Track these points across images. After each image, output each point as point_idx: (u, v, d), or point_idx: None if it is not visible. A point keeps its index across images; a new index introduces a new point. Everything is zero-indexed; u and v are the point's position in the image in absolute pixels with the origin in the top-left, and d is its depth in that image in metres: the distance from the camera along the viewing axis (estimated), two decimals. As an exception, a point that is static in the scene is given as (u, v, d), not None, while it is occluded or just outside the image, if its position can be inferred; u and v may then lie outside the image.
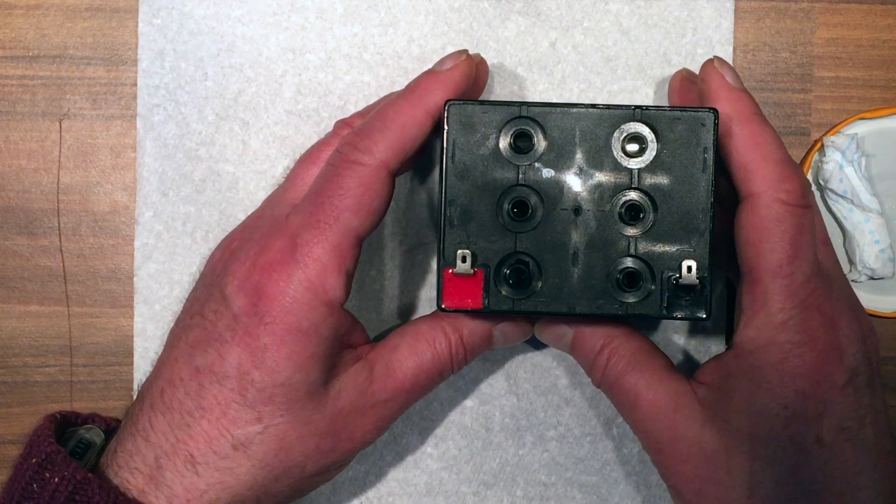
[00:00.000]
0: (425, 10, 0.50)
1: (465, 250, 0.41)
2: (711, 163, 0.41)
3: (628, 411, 0.44)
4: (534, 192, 0.41)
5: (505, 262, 0.42)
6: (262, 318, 0.41)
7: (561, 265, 0.42)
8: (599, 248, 0.41)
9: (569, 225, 0.42)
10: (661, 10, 0.50)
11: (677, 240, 0.41)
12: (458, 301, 0.42)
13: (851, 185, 0.49)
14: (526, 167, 0.41)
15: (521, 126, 0.41)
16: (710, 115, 0.41)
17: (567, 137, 0.41)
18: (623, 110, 0.41)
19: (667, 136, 0.41)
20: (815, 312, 0.41)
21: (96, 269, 0.51)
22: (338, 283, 0.42)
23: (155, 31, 0.50)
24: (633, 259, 0.41)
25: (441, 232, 0.42)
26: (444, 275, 0.42)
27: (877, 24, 0.51)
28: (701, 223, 0.41)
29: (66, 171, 0.51)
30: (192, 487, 0.41)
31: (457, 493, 0.51)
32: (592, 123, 0.41)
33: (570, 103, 0.42)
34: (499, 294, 0.42)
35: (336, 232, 0.41)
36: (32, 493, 0.41)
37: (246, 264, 0.42)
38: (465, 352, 0.45)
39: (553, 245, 0.42)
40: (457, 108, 0.42)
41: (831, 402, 0.41)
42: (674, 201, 0.41)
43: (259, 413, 0.41)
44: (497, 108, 0.41)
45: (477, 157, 0.42)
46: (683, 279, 0.41)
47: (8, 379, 0.51)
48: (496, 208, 0.41)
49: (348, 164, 0.42)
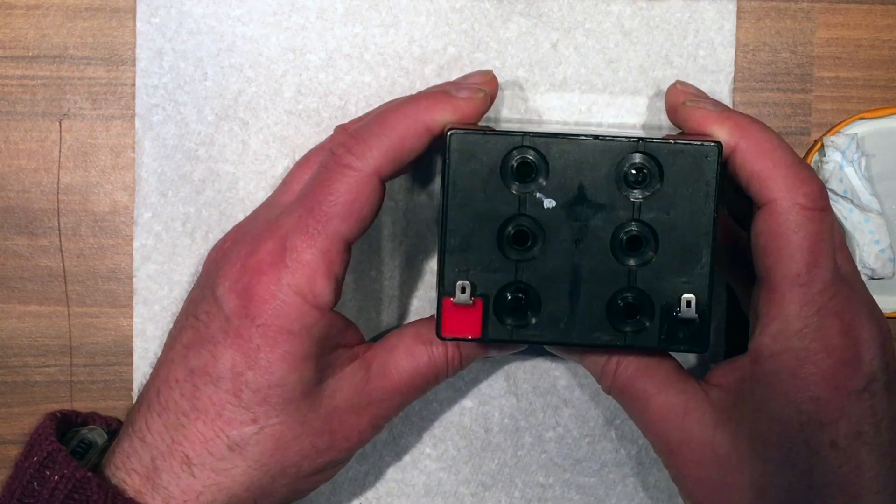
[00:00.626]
0: (426, 11, 0.50)
1: (465, 282, 0.41)
2: (714, 196, 0.41)
3: (639, 415, 0.44)
4: (534, 222, 0.41)
5: (504, 292, 0.41)
6: (253, 320, 0.41)
7: (560, 295, 0.41)
8: (599, 279, 0.41)
9: (569, 255, 0.41)
10: (663, 11, 0.50)
11: (677, 273, 0.41)
12: (456, 331, 0.42)
13: (851, 185, 0.49)
14: (527, 196, 0.41)
15: (523, 156, 0.41)
16: (714, 148, 0.40)
17: (569, 167, 0.41)
18: (626, 142, 0.41)
19: (670, 168, 0.41)
20: (834, 319, 0.41)
21: (96, 269, 0.51)
22: (327, 288, 0.42)
23: (153, 31, 0.50)
24: (633, 291, 0.41)
25: (441, 261, 0.41)
26: (444, 304, 0.41)
27: (877, 24, 0.50)
28: (702, 257, 0.41)
29: (66, 171, 0.51)
30: (189, 489, 0.41)
31: (455, 493, 0.51)
32: (595, 154, 0.41)
33: (572, 134, 0.41)
34: (497, 323, 0.41)
35: (325, 238, 0.41)
36: (33, 491, 0.41)
37: (236, 266, 0.42)
38: (461, 357, 0.45)
39: (553, 275, 0.41)
40: (458, 136, 0.41)
41: (847, 408, 0.40)
42: (675, 234, 0.41)
43: (254, 414, 0.41)
44: (499, 137, 0.41)
45: (478, 186, 0.41)
46: (683, 313, 0.41)
47: (8, 379, 0.51)
48: (497, 237, 0.41)
49: (340, 168, 0.42)
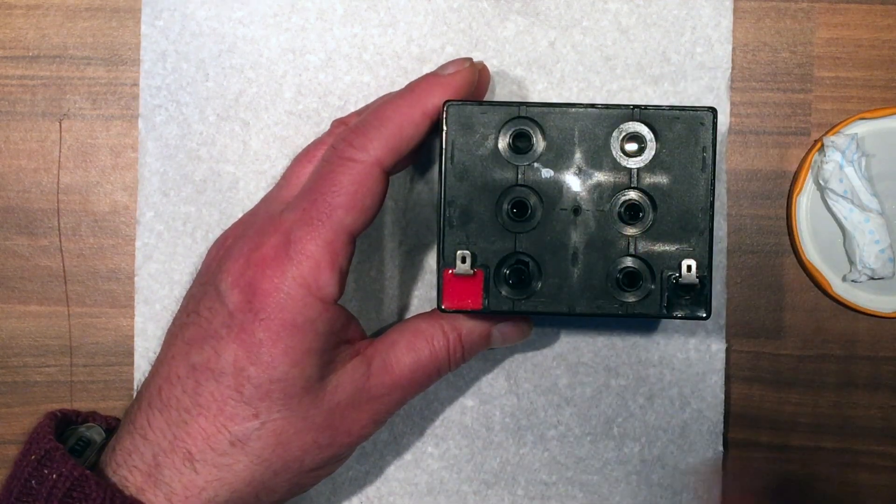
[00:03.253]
0: (424, 11, 0.50)
1: (465, 251, 0.41)
2: (711, 161, 0.41)
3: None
4: (533, 193, 0.41)
5: (504, 263, 0.41)
6: (256, 315, 0.41)
7: (561, 265, 0.41)
8: (599, 247, 0.41)
9: (568, 225, 0.41)
10: (659, 8, 0.50)
11: (677, 239, 0.41)
12: (457, 302, 0.42)
13: (851, 185, 0.49)
14: (525, 167, 0.41)
15: (520, 126, 0.41)
16: (709, 114, 0.41)
17: (566, 137, 0.41)
18: (622, 110, 0.41)
19: (666, 135, 0.41)
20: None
21: (96, 269, 0.51)
22: (331, 280, 0.42)
23: (157, 33, 0.50)
24: (633, 258, 0.41)
25: (440, 232, 0.42)
26: (444, 275, 0.41)
27: (877, 24, 0.50)
28: (700, 222, 0.41)
29: (66, 171, 0.51)
30: (191, 484, 0.41)
31: (458, 492, 0.51)
32: (591, 123, 0.41)
33: (568, 103, 0.42)
34: (498, 294, 0.42)
35: (329, 229, 0.41)
36: (31, 489, 0.41)
37: (240, 261, 0.42)
38: (463, 350, 0.45)
39: (553, 245, 0.41)
40: (455, 108, 0.41)
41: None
42: (673, 200, 0.41)
43: (256, 409, 0.41)
44: (496, 108, 0.41)
45: (476, 158, 0.41)
46: (683, 278, 0.41)
47: (8, 379, 0.51)
48: (496, 208, 0.41)
49: (342, 161, 0.42)
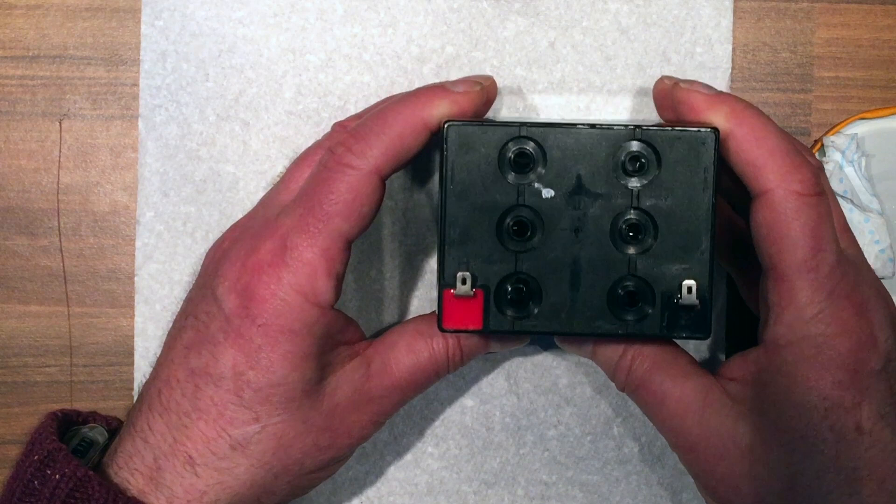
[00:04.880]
0: (424, 11, 0.50)
1: (466, 273, 0.41)
2: (712, 182, 0.41)
3: (655, 412, 0.43)
4: (533, 213, 0.41)
5: (505, 283, 0.41)
6: (254, 320, 0.41)
7: (561, 285, 0.41)
8: (599, 267, 0.41)
9: (569, 245, 0.41)
10: (659, 8, 0.50)
11: (678, 259, 0.41)
12: (458, 322, 0.42)
13: (851, 185, 0.49)
14: (525, 187, 0.41)
15: (521, 146, 0.41)
16: (711, 135, 0.40)
17: (567, 157, 0.41)
18: (623, 130, 0.41)
19: (667, 155, 0.41)
20: (845, 301, 0.40)
21: (96, 269, 0.51)
22: (327, 287, 0.41)
23: (157, 33, 0.50)
24: (634, 279, 0.41)
25: (441, 253, 0.41)
26: (445, 296, 0.41)
27: (877, 24, 0.50)
28: (701, 243, 0.41)
29: (66, 171, 0.51)
30: (192, 488, 0.41)
31: (458, 492, 0.51)
32: (592, 143, 0.41)
33: (569, 123, 0.41)
34: (498, 314, 0.41)
35: (326, 236, 0.41)
36: (33, 489, 0.41)
37: (236, 265, 0.42)
38: (462, 354, 0.45)
39: (553, 265, 0.41)
40: (456, 128, 0.41)
41: (869, 390, 0.40)
42: (674, 221, 0.41)
43: (256, 413, 0.41)
44: (496, 128, 0.41)
45: (476, 178, 0.41)
46: (683, 300, 0.41)
47: (8, 379, 0.51)
48: (496, 228, 0.41)
49: (341, 168, 0.41)
